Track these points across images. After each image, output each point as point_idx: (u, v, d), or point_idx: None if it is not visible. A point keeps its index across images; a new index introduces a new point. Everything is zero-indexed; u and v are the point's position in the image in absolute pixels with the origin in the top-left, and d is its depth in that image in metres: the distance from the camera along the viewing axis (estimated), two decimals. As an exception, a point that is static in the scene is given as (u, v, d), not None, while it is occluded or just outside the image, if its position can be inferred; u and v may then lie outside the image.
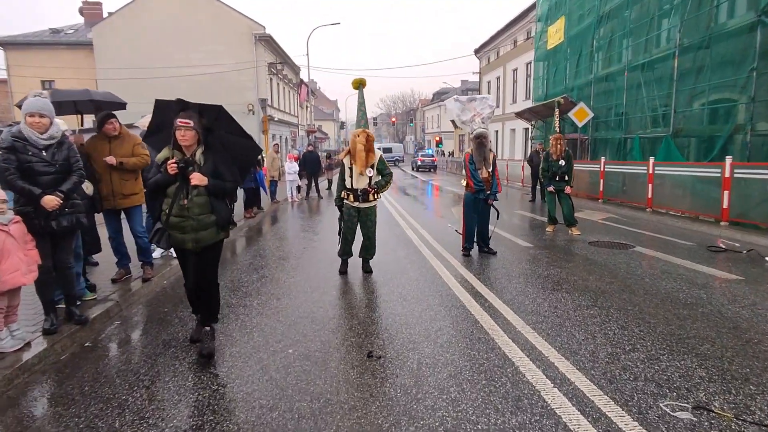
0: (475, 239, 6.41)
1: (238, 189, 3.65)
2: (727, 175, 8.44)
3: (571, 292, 4.67)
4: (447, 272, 5.42)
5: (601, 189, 12.93)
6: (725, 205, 8.51)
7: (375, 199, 5.32)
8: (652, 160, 10.69)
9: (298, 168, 14.52)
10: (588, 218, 9.78)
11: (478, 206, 6.21)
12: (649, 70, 12.63)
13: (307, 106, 43.18)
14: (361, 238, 5.51)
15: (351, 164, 5.14)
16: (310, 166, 15.30)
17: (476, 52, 36.79)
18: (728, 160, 8.45)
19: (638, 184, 11.34)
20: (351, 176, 5.16)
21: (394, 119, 63.86)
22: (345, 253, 5.45)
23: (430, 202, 13.65)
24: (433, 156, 35.63)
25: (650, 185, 10.72)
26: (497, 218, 6.52)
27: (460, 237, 7.50)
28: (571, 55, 18.36)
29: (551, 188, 8.20)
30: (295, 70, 36.33)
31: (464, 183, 6.27)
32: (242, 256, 6.71)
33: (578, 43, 17.83)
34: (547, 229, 8.40)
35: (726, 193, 8.49)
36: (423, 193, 16.94)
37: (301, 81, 38.11)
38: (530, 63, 26.10)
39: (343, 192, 5.30)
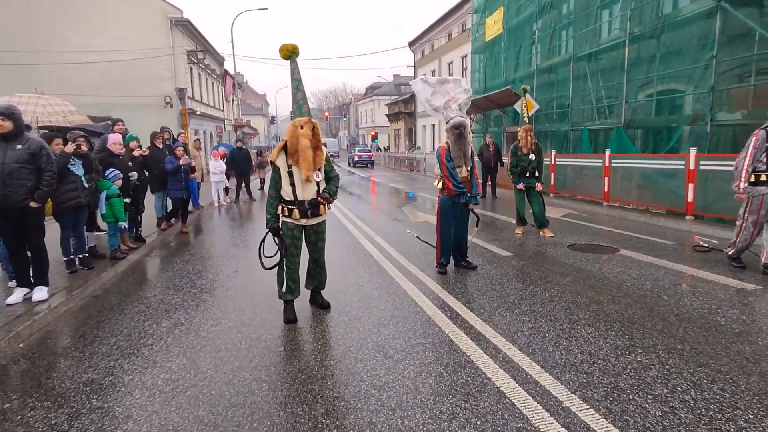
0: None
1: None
2: (692, 167, 8.10)
3: (595, 324, 3.66)
4: (428, 301, 4.20)
5: (552, 183, 12.50)
6: (690, 198, 8.18)
7: (326, 212, 3.96)
8: (608, 152, 10.29)
9: (224, 167, 12.63)
10: (546, 215, 9.12)
11: (456, 213, 5.07)
12: (597, 60, 12.36)
13: (233, 100, 40.12)
14: (306, 266, 4.14)
15: (290, 167, 3.71)
16: (239, 164, 13.42)
17: (410, 44, 36.16)
18: (693, 151, 8.10)
19: (593, 178, 10.97)
20: (292, 183, 3.73)
21: (327, 114, 61.82)
22: (291, 292, 3.91)
23: (377, 202, 12.44)
24: (370, 151, 34.57)
25: (606, 178, 10.33)
26: (477, 225, 5.43)
27: (424, 245, 6.40)
28: (511, 46, 18.02)
29: (521, 186, 7.32)
30: (219, 60, 33.38)
31: (439, 184, 5.09)
32: (150, 289, 5.02)
33: (518, 34, 17.49)
34: (516, 231, 7.53)
35: (691, 185, 8.15)
36: (367, 191, 15.72)
37: (226, 72, 35.20)
38: (466, 56, 25.82)
39: (279, 207, 3.80)
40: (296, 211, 3.75)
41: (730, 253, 5.21)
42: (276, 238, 3.79)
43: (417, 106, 37.84)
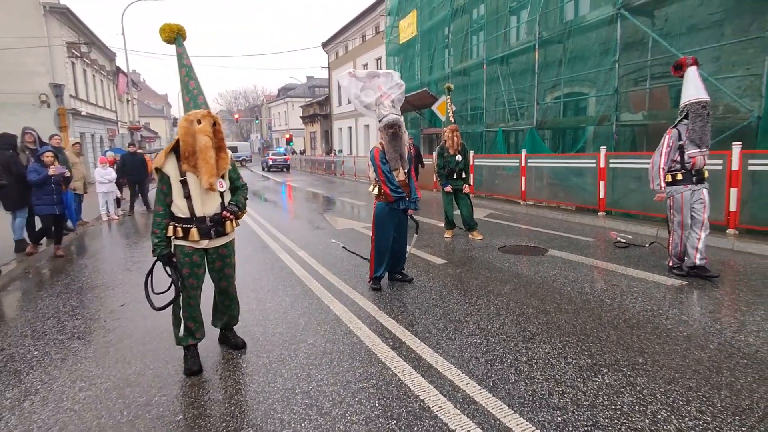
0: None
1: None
2: (602, 165, 8.47)
3: (550, 341, 3.33)
4: (365, 327, 3.60)
5: (471, 183, 12.60)
6: (602, 195, 8.55)
7: (233, 229, 3.18)
8: (524, 152, 10.53)
9: (114, 175, 10.91)
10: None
11: (395, 220, 4.53)
12: (508, 63, 12.73)
13: (128, 100, 36.12)
14: (212, 299, 3.34)
15: (185, 174, 2.88)
16: (133, 171, 11.70)
17: (324, 45, 35.37)
18: (603, 150, 8.47)
19: (510, 177, 11.20)
20: (188, 196, 2.91)
21: (237, 116, 58.46)
22: (193, 334, 3.05)
23: (296, 209, 11.58)
24: (285, 155, 33.15)
25: (523, 178, 10.57)
26: (417, 233, 4.95)
27: (352, 256, 5.81)
28: (425, 49, 18.15)
29: (448, 188, 7.05)
30: (109, 55, 29.78)
31: (374, 190, 4.51)
32: (3, 334, 3.79)
33: (431, 37, 17.66)
34: (445, 236, 7.25)
35: (602, 183, 8.53)
36: (284, 197, 14.71)
37: (119, 69, 31.53)
38: (381, 58, 25.73)
39: (171, 227, 2.93)
40: (194, 230, 2.92)
41: (669, 264, 5.04)
42: (168, 268, 2.93)
43: (333, 108, 37.15)
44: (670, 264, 5.02)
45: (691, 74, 4.74)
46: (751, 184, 6.26)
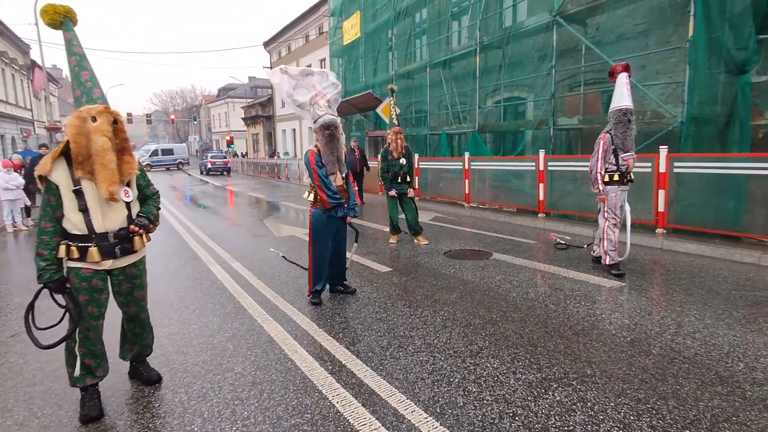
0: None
1: None
2: (541, 168, 8.66)
3: (498, 354, 3.18)
4: (301, 350, 3.26)
5: (416, 186, 12.58)
6: (541, 197, 8.74)
7: (143, 246, 2.73)
8: (467, 155, 10.61)
9: (22, 181, 9.70)
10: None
11: (333, 228, 4.21)
12: (451, 67, 12.82)
13: (46, 97, 32.93)
14: (119, 328, 2.87)
15: (78, 182, 2.41)
16: (46, 176, 10.47)
17: (266, 45, 34.29)
18: (542, 153, 8.67)
19: (454, 180, 11.25)
20: (84, 208, 2.43)
21: (173, 117, 55.26)
22: (93, 372, 2.57)
23: (234, 215, 10.91)
24: (225, 157, 31.70)
25: (467, 180, 10.65)
26: (356, 241, 4.65)
27: (292, 267, 5.44)
28: (369, 51, 17.98)
29: (392, 192, 6.84)
30: (23, 48, 27.01)
31: (310, 196, 4.17)
32: None
33: (375, 39, 17.52)
34: (391, 241, 7.04)
35: (541, 185, 8.72)
36: (222, 202, 13.89)
37: (34, 63, 28.65)
38: (325, 59, 25.27)
39: (63, 246, 2.45)
40: (94, 250, 2.45)
41: (607, 262, 5.14)
42: (60, 297, 2.44)
43: (276, 110, 36.09)
44: (608, 262, 5.13)
45: (619, 81, 4.93)
46: (677, 185, 6.60)
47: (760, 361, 2.95)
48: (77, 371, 2.53)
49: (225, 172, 29.96)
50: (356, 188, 4.65)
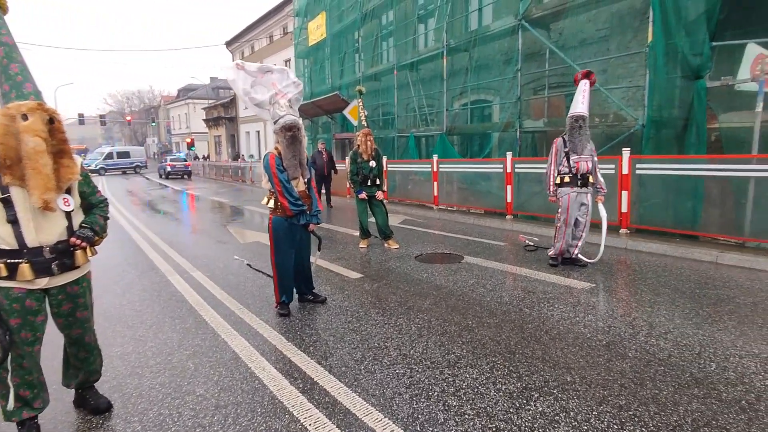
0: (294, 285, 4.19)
1: None
2: (509, 170, 8.73)
3: (477, 363, 3.08)
4: (269, 367, 3.04)
5: (384, 189, 12.47)
6: (509, 198, 8.82)
7: (87, 261, 2.44)
8: (435, 157, 10.59)
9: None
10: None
11: (295, 236, 4.00)
12: (418, 70, 12.82)
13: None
14: (62, 352, 2.56)
15: (6, 189, 2.12)
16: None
17: (228, 45, 33.39)
18: (509, 155, 8.74)
19: (423, 182, 11.22)
20: (13, 219, 2.13)
21: (129, 118, 52.86)
22: (30, 404, 2.27)
23: (196, 221, 10.44)
24: (185, 160, 30.58)
25: (436, 183, 10.64)
26: (319, 248, 4.45)
27: (258, 275, 5.19)
28: (335, 52, 17.78)
29: (363, 195, 6.69)
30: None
31: (269, 202, 3.95)
32: None
33: (341, 41, 17.34)
34: (361, 246, 6.88)
35: (509, 187, 8.79)
36: (182, 207, 13.31)
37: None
38: (289, 60, 24.82)
39: None
40: (26, 267, 2.16)
41: (550, 253, 5.60)
42: None
43: (239, 111, 35.19)
44: (551, 254, 5.56)
45: (578, 88, 5.18)
46: (639, 186, 6.79)
47: (729, 360, 2.99)
48: (11, 404, 2.23)
49: (186, 176, 28.89)
50: (318, 193, 4.44)
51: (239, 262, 5.93)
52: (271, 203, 3.92)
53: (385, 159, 12.40)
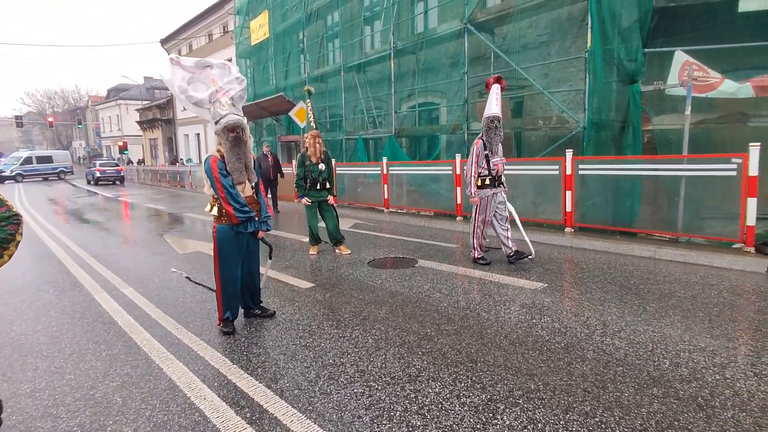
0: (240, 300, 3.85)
1: None
2: (458, 172, 8.78)
3: (438, 375, 2.92)
4: (212, 395, 2.70)
5: (335, 193, 12.20)
6: (459, 200, 8.86)
7: None
8: (385, 160, 10.48)
9: None
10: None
11: (242, 246, 3.67)
12: (365, 71, 12.67)
13: None
14: None
15: None
16: None
17: (163, 42, 31.57)
18: (458, 157, 8.79)
19: (373, 185, 11.07)
20: None
21: (52, 120, 48.49)
22: None
23: (129, 231, 9.61)
24: (118, 165, 28.50)
25: (386, 186, 10.52)
26: (270, 257, 4.14)
27: (199, 289, 4.78)
28: (280, 53, 17.24)
29: (305, 200, 6.40)
30: None
31: (212, 210, 3.59)
32: None
33: (286, 40, 16.85)
34: (311, 252, 6.59)
35: (458, 189, 8.84)
36: (113, 216, 12.26)
37: None
38: (231, 60, 23.85)
39: None
40: None
41: (475, 255, 5.70)
42: None
43: (177, 113, 33.37)
44: (476, 255, 5.67)
45: (491, 92, 5.40)
46: (582, 186, 7.03)
47: (680, 355, 3.06)
48: None
49: (118, 182, 26.90)
50: (268, 198, 4.17)
51: (177, 275, 5.44)
52: (215, 210, 3.57)
53: (334, 162, 12.17)
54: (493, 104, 5.29)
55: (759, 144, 5.24)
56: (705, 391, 2.59)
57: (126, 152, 36.83)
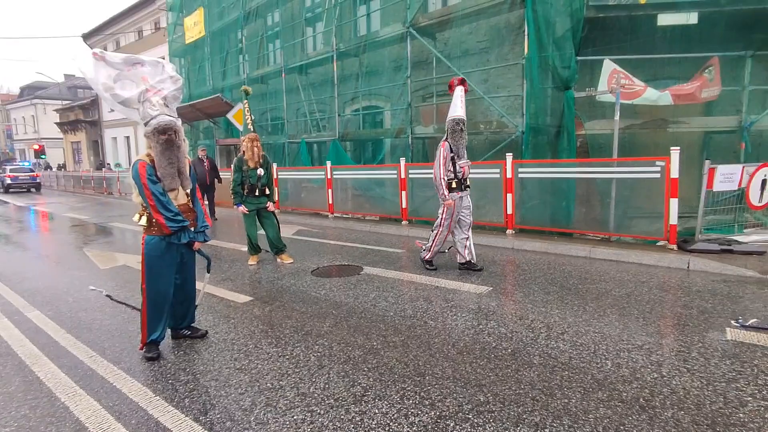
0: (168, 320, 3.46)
1: None
2: (403, 176, 8.74)
3: (385, 393, 2.75)
4: (127, 432, 2.37)
5: (276, 199, 11.76)
6: (404, 204, 8.82)
7: None
8: (329, 164, 10.24)
9: None
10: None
11: (176, 258, 3.30)
12: (307, 73, 12.35)
13: None
14: None
15: None
16: None
17: (86, 38, 29.21)
18: (402, 161, 8.76)
19: (316, 190, 10.78)
20: None
21: (-46, 120, 43.31)
22: None
23: (40, 245, 8.63)
24: (33, 170, 25.91)
25: (330, 190, 10.29)
26: (208, 271, 3.77)
27: (120, 308, 4.31)
28: (216, 52, 16.45)
29: (242, 208, 6.03)
30: None
31: (141, 219, 3.19)
32: None
33: (223, 39, 16.10)
34: (250, 263, 6.22)
35: (404, 193, 8.80)
36: (24, 228, 11.01)
37: None
38: (164, 58, 22.50)
39: None
40: None
41: (426, 257, 5.61)
42: None
43: (103, 114, 30.99)
44: (427, 257, 5.58)
45: (455, 94, 5.29)
46: (521, 189, 7.21)
47: (621, 355, 3.11)
48: None
49: (33, 189, 24.48)
50: (206, 206, 3.84)
51: (96, 294, 4.88)
52: (144, 220, 3.19)
53: (275, 166, 11.72)
54: (458, 106, 5.18)
55: (678, 148, 5.61)
56: (645, 392, 2.63)
57: (43, 156, 33.69)
